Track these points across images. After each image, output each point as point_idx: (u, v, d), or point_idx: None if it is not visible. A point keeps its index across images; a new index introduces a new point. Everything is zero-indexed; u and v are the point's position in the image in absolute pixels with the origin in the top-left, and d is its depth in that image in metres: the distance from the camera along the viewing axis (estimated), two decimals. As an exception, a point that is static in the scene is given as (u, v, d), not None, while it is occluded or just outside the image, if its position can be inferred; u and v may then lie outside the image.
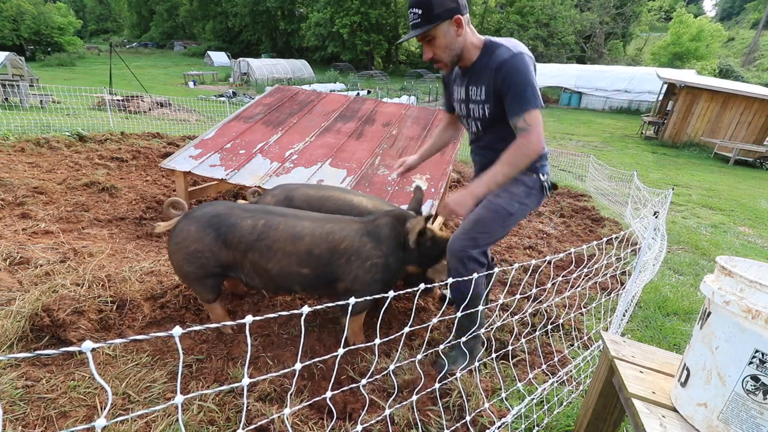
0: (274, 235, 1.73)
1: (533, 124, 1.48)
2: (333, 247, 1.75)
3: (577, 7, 32.23)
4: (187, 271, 1.79)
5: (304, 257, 1.73)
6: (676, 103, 12.33)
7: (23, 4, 34.21)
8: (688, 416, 1.01)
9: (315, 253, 1.73)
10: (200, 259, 1.75)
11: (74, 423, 1.43)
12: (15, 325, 1.78)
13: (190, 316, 2.16)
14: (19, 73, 13.77)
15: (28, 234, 2.77)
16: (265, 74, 26.89)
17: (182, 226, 1.77)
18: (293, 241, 1.73)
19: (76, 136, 5.41)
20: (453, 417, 1.63)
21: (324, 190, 2.24)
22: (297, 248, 1.73)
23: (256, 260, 1.74)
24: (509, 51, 1.51)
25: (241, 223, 1.75)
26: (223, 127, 3.67)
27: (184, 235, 1.75)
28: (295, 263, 1.74)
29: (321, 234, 1.75)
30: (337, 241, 1.75)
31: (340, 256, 1.75)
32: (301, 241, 1.73)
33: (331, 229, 1.78)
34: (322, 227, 1.77)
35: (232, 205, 1.83)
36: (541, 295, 2.67)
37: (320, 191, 2.22)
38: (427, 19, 1.47)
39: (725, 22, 45.84)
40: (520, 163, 1.52)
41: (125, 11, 57.81)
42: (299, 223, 1.77)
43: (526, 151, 1.50)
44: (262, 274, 1.78)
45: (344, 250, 1.75)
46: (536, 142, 1.49)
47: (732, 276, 0.93)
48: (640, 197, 4.37)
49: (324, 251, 1.74)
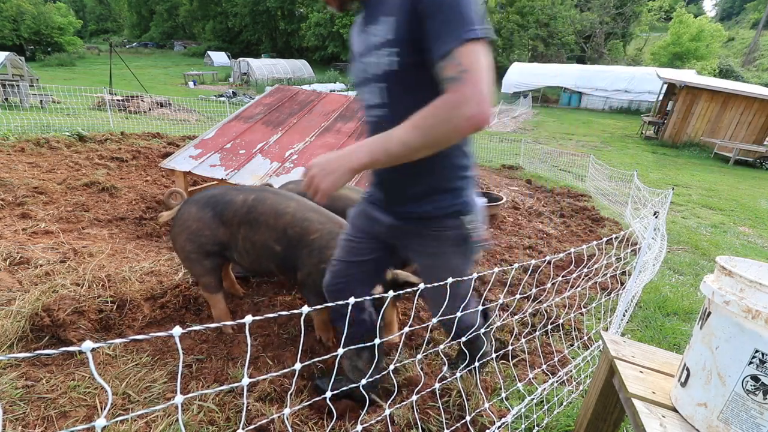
0: (261, 208, 1.84)
1: (471, 68, 0.86)
2: (303, 235, 1.80)
3: (577, 7, 32.22)
4: (188, 250, 1.89)
5: (280, 234, 1.81)
6: (676, 103, 12.33)
7: (23, 4, 34.21)
8: (688, 416, 1.01)
9: (289, 233, 1.80)
10: (201, 237, 1.86)
11: (74, 423, 1.43)
12: (15, 325, 1.78)
13: (190, 316, 2.16)
14: (19, 73, 13.78)
15: (28, 234, 2.76)
16: (265, 74, 26.89)
17: (183, 209, 1.91)
18: (276, 216, 1.82)
19: (76, 136, 5.41)
20: (453, 417, 1.63)
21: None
22: (277, 223, 1.81)
23: (246, 234, 1.85)
24: None
25: (234, 198, 1.87)
26: (223, 127, 3.67)
27: (186, 216, 1.88)
28: (272, 238, 1.82)
29: (300, 218, 1.82)
30: (310, 231, 1.80)
31: (305, 246, 1.79)
32: (282, 218, 1.81)
33: (311, 217, 1.83)
34: (304, 213, 1.84)
35: (227, 187, 1.98)
36: (541, 295, 2.67)
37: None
38: None
39: (725, 22, 45.84)
40: (436, 131, 0.91)
41: (125, 11, 57.81)
42: (286, 202, 1.87)
43: (451, 113, 0.88)
44: (249, 249, 1.87)
45: (311, 241, 1.79)
46: (473, 99, 0.87)
47: (732, 276, 0.93)
48: (640, 197, 4.37)
49: (296, 234, 1.80)
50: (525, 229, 4.16)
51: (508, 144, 9.99)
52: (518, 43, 32.24)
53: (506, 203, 4.80)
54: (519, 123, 16.02)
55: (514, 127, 14.94)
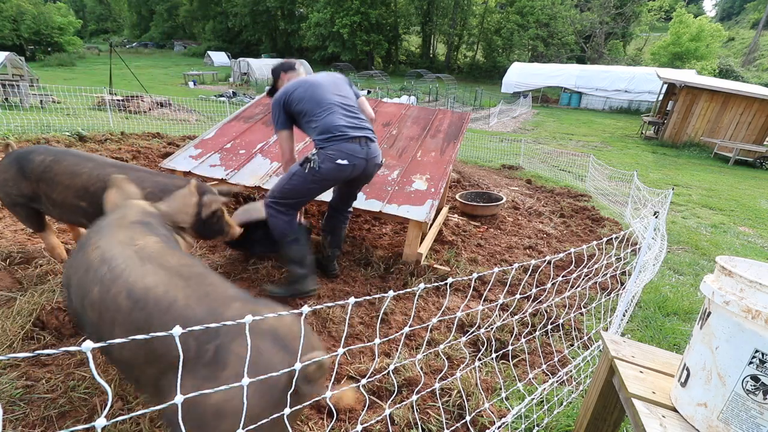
0: (57, 169, 2.03)
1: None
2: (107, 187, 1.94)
3: (577, 7, 32.25)
4: (0, 197, 2.13)
5: (81, 192, 2.00)
6: (676, 103, 12.33)
7: (23, 4, 34.21)
8: (688, 416, 1.01)
9: (90, 190, 1.98)
10: (6, 188, 2.08)
11: (74, 423, 1.43)
12: (15, 325, 1.78)
13: (190, 316, 2.16)
14: (19, 73, 13.78)
15: (28, 234, 2.76)
16: (265, 74, 26.87)
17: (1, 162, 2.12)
18: (72, 176, 2.01)
19: (76, 136, 5.41)
20: (453, 417, 1.63)
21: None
22: (74, 182, 2.00)
23: (45, 190, 2.04)
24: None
25: (35, 158, 2.05)
26: (223, 127, 3.67)
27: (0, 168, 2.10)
28: (73, 195, 2.01)
29: (97, 174, 2.01)
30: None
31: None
32: (78, 178, 2.01)
33: (109, 171, 2.01)
34: (102, 169, 2.04)
35: (36, 146, 2.16)
36: (541, 295, 2.67)
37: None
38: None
39: (725, 22, 45.83)
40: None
41: (125, 11, 57.82)
42: (84, 162, 2.06)
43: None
44: (52, 205, 2.07)
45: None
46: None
47: (732, 276, 0.93)
48: (640, 197, 4.38)
49: (98, 189, 1.95)
50: (525, 229, 4.16)
51: (508, 144, 9.99)
52: (518, 43, 32.26)
53: (506, 203, 4.80)
54: (519, 123, 16.02)
55: (514, 127, 14.95)
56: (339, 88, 2.37)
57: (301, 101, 2.22)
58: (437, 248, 3.35)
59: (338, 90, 2.35)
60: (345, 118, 2.23)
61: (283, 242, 2.35)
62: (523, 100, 19.39)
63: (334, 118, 2.20)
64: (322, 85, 2.28)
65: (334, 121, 2.19)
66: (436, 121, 3.86)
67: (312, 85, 2.26)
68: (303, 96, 2.23)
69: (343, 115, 2.23)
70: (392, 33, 37.59)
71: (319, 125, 2.19)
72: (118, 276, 1.10)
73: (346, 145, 2.18)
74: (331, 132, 2.17)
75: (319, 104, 2.22)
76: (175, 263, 1.17)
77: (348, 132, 2.19)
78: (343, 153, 2.17)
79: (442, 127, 3.76)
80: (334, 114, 2.21)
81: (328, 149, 2.16)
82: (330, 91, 2.28)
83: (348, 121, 2.23)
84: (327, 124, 2.18)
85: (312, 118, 2.22)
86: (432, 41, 40.92)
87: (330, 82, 2.34)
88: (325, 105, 2.22)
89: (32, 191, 2.07)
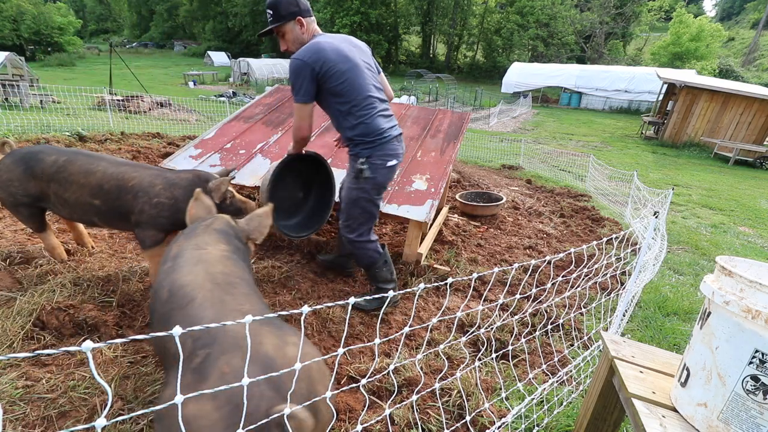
0: (71, 169, 2.03)
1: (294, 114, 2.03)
2: (121, 184, 2.01)
3: (577, 7, 32.24)
4: (2, 198, 2.11)
5: (95, 190, 2.01)
6: (676, 103, 12.33)
7: (23, 4, 34.21)
8: (688, 416, 1.01)
9: (105, 188, 2.01)
10: (10, 188, 2.06)
11: (74, 423, 1.43)
12: (15, 325, 1.78)
13: (190, 316, 2.16)
14: (19, 73, 13.79)
15: (28, 234, 2.76)
16: (265, 74, 26.90)
17: (1, 161, 2.09)
18: (86, 174, 2.02)
19: (76, 136, 5.41)
20: (453, 417, 1.63)
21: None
22: (89, 181, 2.01)
23: (56, 190, 2.04)
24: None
25: (45, 158, 2.05)
26: (223, 127, 3.67)
27: (1, 168, 2.07)
28: (87, 194, 2.02)
29: (111, 172, 2.03)
30: (126, 179, 2.02)
31: (127, 192, 2.01)
32: (93, 176, 2.02)
33: (123, 170, 2.05)
34: (116, 167, 2.06)
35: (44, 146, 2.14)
36: (541, 295, 2.67)
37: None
38: (276, 18, 1.98)
39: (725, 22, 45.84)
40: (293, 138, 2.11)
41: (125, 11, 57.83)
42: (96, 162, 2.07)
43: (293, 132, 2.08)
44: (63, 204, 2.07)
45: (130, 187, 2.02)
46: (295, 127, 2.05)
47: (732, 276, 0.93)
48: (640, 197, 4.37)
49: (113, 187, 2.01)
50: (525, 229, 4.16)
51: (508, 144, 9.99)
52: (518, 43, 32.26)
53: (506, 203, 4.80)
54: (519, 123, 16.02)
55: (514, 127, 14.95)
56: (371, 66, 2.19)
57: (343, 82, 1.98)
58: (437, 248, 3.35)
59: (371, 70, 2.18)
60: (385, 118, 2.16)
61: (374, 268, 2.33)
62: (523, 100, 19.39)
63: (379, 122, 2.10)
64: (359, 66, 2.05)
65: (379, 125, 2.10)
66: (436, 121, 3.86)
67: (352, 64, 2.01)
68: (344, 76, 1.98)
69: (382, 115, 2.14)
70: (392, 33, 37.58)
71: (361, 125, 2.07)
72: (175, 271, 1.19)
73: (390, 146, 2.15)
74: (375, 135, 2.09)
75: (360, 93, 2.04)
76: (218, 270, 1.22)
77: (390, 133, 2.15)
78: (389, 155, 2.14)
79: (442, 127, 3.76)
80: (376, 115, 2.10)
81: (376, 154, 2.11)
82: (369, 79, 2.10)
83: (387, 121, 2.16)
84: (372, 128, 2.08)
85: (351, 110, 2.05)
86: (432, 41, 40.92)
87: (363, 61, 2.11)
88: (366, 99, 2.06)
89: (40, 191, 2.07)
